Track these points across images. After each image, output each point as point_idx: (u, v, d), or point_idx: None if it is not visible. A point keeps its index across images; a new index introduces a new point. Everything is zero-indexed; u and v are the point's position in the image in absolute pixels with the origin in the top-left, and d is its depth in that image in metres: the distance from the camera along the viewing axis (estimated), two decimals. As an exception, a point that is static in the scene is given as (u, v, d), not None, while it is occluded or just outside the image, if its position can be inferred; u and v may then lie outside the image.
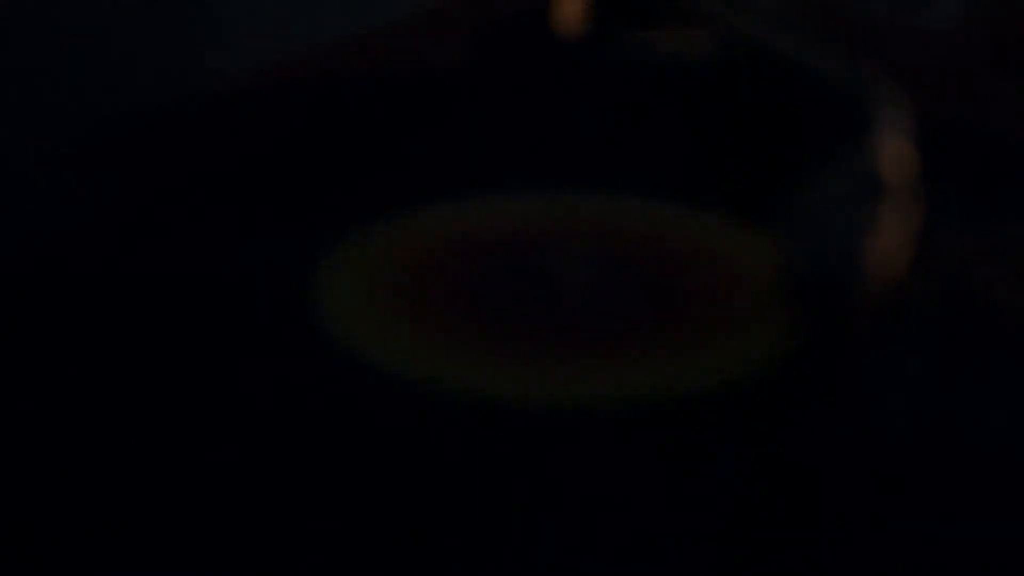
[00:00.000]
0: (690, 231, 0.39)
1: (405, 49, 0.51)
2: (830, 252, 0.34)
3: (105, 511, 0.28)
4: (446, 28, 0.53)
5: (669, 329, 0.34)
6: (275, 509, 0.28)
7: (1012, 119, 0.46)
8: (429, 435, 0.31)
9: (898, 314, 0.34)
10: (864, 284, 0.33)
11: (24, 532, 0.28)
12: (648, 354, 0.33)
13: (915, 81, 0.45)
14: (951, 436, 0.31)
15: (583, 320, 0.35)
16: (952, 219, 0.37)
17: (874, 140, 0.39)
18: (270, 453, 0.30)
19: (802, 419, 0.32)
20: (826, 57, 0.45)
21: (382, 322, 0.34)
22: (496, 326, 0.34)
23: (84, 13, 0.55)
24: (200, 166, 0.43)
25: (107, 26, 0.55)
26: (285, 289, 0.36)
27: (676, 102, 0.47)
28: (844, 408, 0.32)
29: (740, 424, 0.31)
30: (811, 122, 0.45)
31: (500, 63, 0.50)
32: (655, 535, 0.28)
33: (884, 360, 0.34)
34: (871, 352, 0.34)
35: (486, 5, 0.54)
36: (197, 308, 0.35)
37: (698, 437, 0.31)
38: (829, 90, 0.44)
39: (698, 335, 0.34)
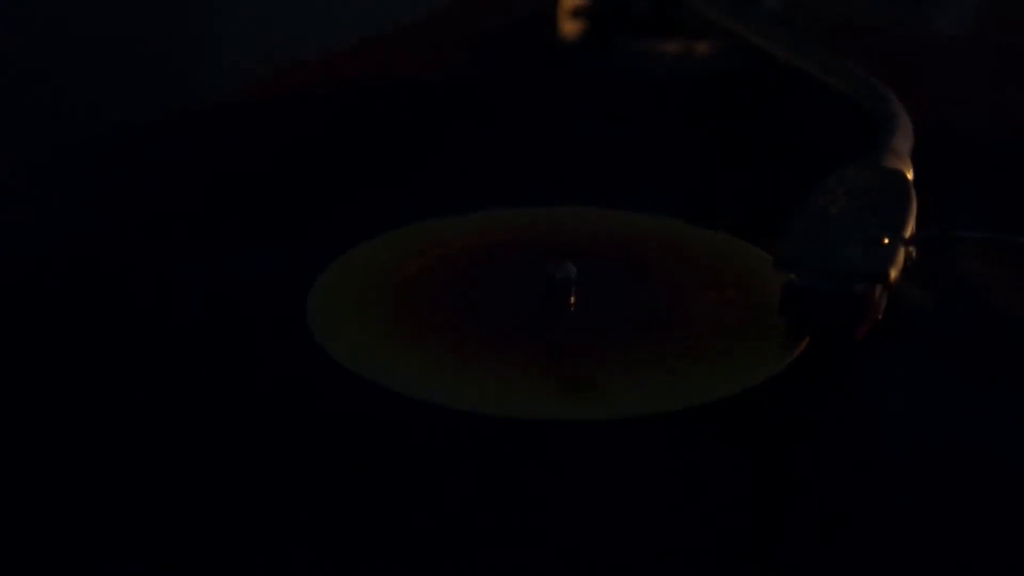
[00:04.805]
0: (691, 242, 0.38)
1: (404, 58, 0.52)
2: (836, 262, 0.33)
3: (103, 511, 0.28)
4: (445, 36, 0.53)
5: (670, 340, 0.34)
6: (268, 522, 0.28)
7: (1020, 127, 0.46)
8: (425, 446, 0.31)
9: (901, 321, 0.34)
10: (869, 294, 0.33)
11: (24, 532, 0.28)
12: (648, 366, 0.33)
13: (922, 89, 0.45)
14: (953, 441, 0.31)
15: (582, 331, 0.34)
16: (958, 226, 0.37)
17: (880, 149, 0.39)
18: (265, 462, 0.30)
19: (804, 427, 0.32)
20: (832, 66, 0.45)
21: (379, 334, 0.34)
22: (495, 337, 0.34)
23: (86, 18, 0.56)
24: (199, 174, 0.42)
25: (111, 30, 0.56)
26: (283, 300, 0.35)
27: (678, 112, 0.47)
28: (846, 414, 0.32)
29: (743, 432, 0.31)
30: (816, 132, 0.45)
31: (500, 72, 0.50)
32: (658, 544, 0.28)
33: (886, 366, 0.34)
34: (873, 358, 0.34)
35: (486, 12, 0.54)
36: (194, 317, 0.35)
37: (700, 446, 0.31)
38: (835, 99, 0.44)
39: (699, 347, 0.34)
